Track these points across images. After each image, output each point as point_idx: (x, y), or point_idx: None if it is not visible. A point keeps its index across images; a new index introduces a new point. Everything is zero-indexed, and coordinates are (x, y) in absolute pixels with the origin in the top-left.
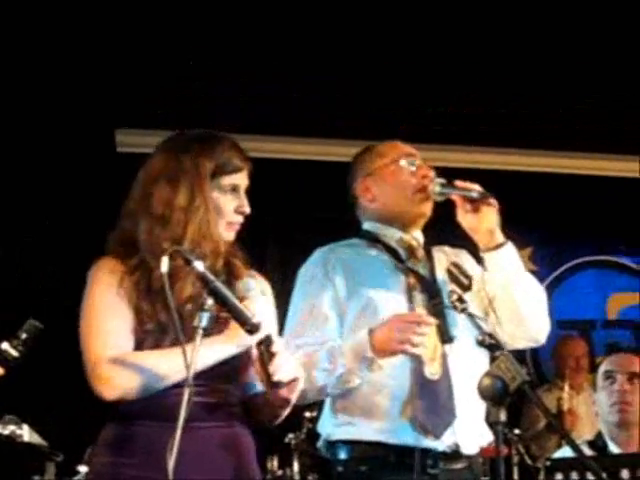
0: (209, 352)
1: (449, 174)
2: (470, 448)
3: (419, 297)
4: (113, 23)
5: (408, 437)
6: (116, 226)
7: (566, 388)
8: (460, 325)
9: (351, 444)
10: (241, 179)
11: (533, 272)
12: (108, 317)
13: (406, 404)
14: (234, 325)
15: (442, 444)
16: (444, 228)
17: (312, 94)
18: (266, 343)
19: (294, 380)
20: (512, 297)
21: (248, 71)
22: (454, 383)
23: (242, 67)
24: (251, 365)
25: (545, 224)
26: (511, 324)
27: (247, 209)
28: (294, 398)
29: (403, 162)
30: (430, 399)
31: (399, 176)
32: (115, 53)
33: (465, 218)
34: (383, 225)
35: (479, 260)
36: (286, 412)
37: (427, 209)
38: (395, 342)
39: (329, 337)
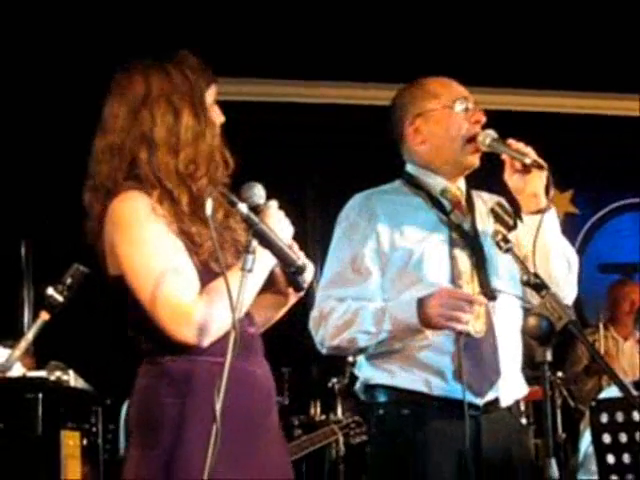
0: (249, 290)
1: (489, 116)
2: (508, 401)
3: (461, 253)
4: None
5: (452, 391)
6: (93, 169)
7: (601, 330)
8: (503, 279)
9: (391, 389)
10: (215, 87)
11: (574, 215)
12: (170, 253)
13: (450, 361)
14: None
15: (483, 399)
16: (485, 175)
17: (349, 38)
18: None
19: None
20: (546, 259)
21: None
22: (498, 340)
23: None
24: None
25: (586, 167)
26: None
27: (223, 118)
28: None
29: (458, 106)
30: (475, 357)
31: (453, 121)
32: None
33: (512, 178)
34: (428, 171)
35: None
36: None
37: (476, 160)
38: (444, 319)
39: (372, 293)
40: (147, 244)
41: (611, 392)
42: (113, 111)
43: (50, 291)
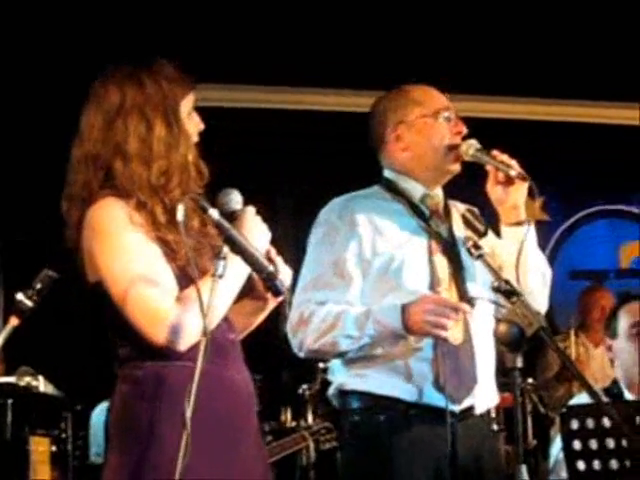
0: (225, 296)
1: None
2: (482, 408)
3: (440, 260)
4: None
5: (430, 398)
6: (71, 177)
7: (572, 337)
8: (479, 286)
9: (366, 395)
10: (194, 95)
11: (545, 222)
12: (148, 260)
13: (429, 367)
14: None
15: (460, 407)
16: (461, 184)
17: (324, 45)
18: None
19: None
20: (521, 271)
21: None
22: (474, 347)
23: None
24: None
25: (557, 174)
26: None
27: (202, 126)
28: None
29: (442, 116)
30: (453, 364)
31: (436, 131)
32: None
33: (494, 189)
34: (407, 177)
35: (493, 227)
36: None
37: (457, 169)
38: (429, 325)
39: (353, 297)
40: (125, 251)
41: (582, 398)
42: (89, 120)
43: (19, 296)
